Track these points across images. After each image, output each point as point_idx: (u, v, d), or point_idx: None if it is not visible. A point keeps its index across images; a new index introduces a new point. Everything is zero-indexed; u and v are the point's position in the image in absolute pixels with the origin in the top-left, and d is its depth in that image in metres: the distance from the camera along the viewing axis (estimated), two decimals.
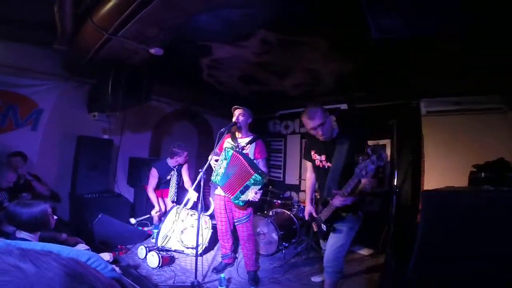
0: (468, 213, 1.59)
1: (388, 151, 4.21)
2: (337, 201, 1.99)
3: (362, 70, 3.37)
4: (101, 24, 2.39)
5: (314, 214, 2.35)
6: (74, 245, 2.25)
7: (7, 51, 3.09)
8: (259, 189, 2.54)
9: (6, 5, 2.54)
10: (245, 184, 2.51)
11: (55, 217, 1.85)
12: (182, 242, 3.22)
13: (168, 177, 3.85)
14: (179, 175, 3.93)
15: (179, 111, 5.18)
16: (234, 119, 2.81)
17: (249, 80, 4.11)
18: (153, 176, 3.76)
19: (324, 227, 2.25)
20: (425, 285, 1.53)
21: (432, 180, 3.81)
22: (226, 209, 2.91)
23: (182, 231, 3.24)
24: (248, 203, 2.72)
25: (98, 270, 0.49)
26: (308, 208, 2.40)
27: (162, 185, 3.89)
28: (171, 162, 3.81)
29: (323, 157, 2.26)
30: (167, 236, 3.20)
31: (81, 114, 3.89)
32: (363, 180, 2.00)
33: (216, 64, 3.55)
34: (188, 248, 3.23)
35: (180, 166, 3.90)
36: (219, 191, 2.91)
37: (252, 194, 2.53)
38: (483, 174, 3.12)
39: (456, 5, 1.76)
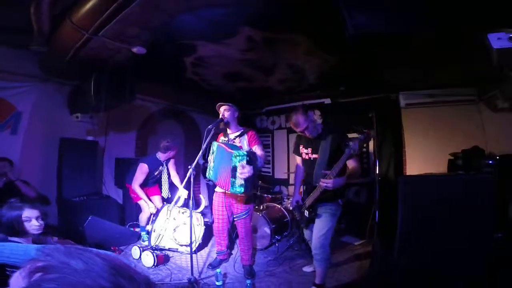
0: (440, 195, 1.72)
1: (371, 143, 4.37)
2: (324, 182, 2.13)
3: (342, 66, 3.46)
4: (80, 24, 2.35)
5: (300, 202, 2.57)
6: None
7: None
8: (247, 163, 2.38)
9: None
10: (231, 167, 2.44)
11: (41, 222, 1.79)
12: (175, 240, 3.24)
13: (156, 173, 3.77)
14: (168, 168, 3.84)
15: (165, 110, 5.14)
16: (220, 116, 2.83)
17: (235, 77, 4.13)
18: (142, 172, 3.57)
19: (306, 213, 2.44)
20: (409, 267, 1.65)
21: (413, 169, 4.01)
22: (225, 206, 2.88)
23: (174, 229, 3.26)
24: (248, 189, 2.53)
25: None
26: (295, 196, 2.63)
27: (150, 183, 3.79)
28: (161, 156, 3.69)
29: (309, 150, 2.49)
30: (159, 235, 3.22)
31: (62, 115, 3.79)
32: (351, 165, 2.23)
33: (201, 62, 3.54)
34: (181, 245, 3.26)
35: (167, 161, 3.81)
36: (218, 188, 2.91)
37: (241, 174, 2.38)
38: (460, 162, 3.32)
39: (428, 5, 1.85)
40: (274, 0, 2.26)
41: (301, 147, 2.58)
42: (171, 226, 3.25)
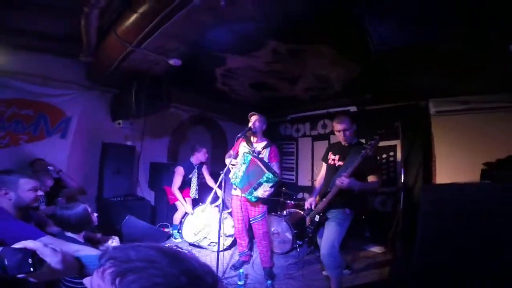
0: (461, 203, 1.74)
1: (398, 152, 4.30)
2: (340, 179, 2.27)
3: (369, 74, 3.49)
4: (124, 37, 2.59)
5: (313, 207, 2.63)
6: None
7: (35, 62, 3.34)
8: (270, 187, 2.72)
9: (35, 18, 2.77)
10: (258, 181, 2.70)
11: (96, 214, 2.00)
12: (208, 238, 3.51)
13: (190, 176, 4.10)
14: (199, 174, 4.21)
15: (195, 117, 5.45)
16: (250, 125, 2.98)
17: (260, 87, 4.31)
18: (179, 174, 3.97)
19: (317, 217, 2.55)
20: (427, 268, 1.67)
21: (444, 178, 3.86)
22: (242, 208, 3.09)
23: (208, 227, 3.52)
24: (259, 200, 2.89)
25: None
26: (310, 199, 2.69)
27: (185, 185, 4.13)
28: (193, 159, 4.11)
29: (337, 157, 2.60)
30: (194, 233, 3.47)
31: (104, 121, 4.16)
32: (371, 179, 2.37)
33: (230, 73, 3.77)
34: (212, 244, 3.48)
35: (201, 165, 4.19)
36: (235, 191, 3.10)
37: (262, 191, 2.72)
38: (494, 172, 3.18)
39: (451, 13, 1.89)
40: (299, 15, 2.40)
41: (330, 153, 2.71)
42: (205, 224, 3.50)
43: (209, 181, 4.31)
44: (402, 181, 3.56)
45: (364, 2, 1.86)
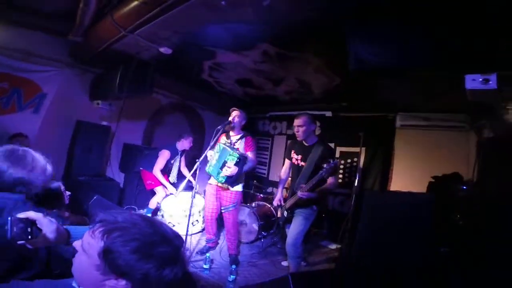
0: (389, 208, 2.21)
1: (361, 158, 4.70)
2: (300, 193, 2.53)
3: (347, 85, 3.75)
4: (120, 22, 2.54)
5: (282, 202, 2.91)
6: (77, 222, 2.48)
7: (17, 37, 3.20)
8: (234, 164, 2.83)
9: None
10: (223, 161, 2.87)
11: (68, 193, 2.01)
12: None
13: (172, 161, 4.16)
14: (180, 161, 4.28)
15: (174, 103, 5.40)
16: (230, 119, 3.13)
17: (245, 83, 4.41)
18: (164, 157, 4.00)
19: (285, 213, 2.82)
20: (364, 262, 2.03)
21: (397, 187, 4.31)
22: (216, 197, 3.23)
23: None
24: (229, 182, 3.01)
25: None
26: (278, 196, 2.97)
27: (164, 170, 4.14)
28: (178, 145, 4.15)
29: (299, 157, 2.79)
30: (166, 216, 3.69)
31: (81, 100, 4.03)
32: (329, 180, 2.59)
33: (218, 66, 3.81)
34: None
35: (183, 152, 4.26)
36: (211, 180, 3.24)
37: (225, 169, 2.86)
38: (439, 185, 3.65)
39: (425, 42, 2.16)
40: (293, 24, 2.54)
41: (292, 152, 2.89)
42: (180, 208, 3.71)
43: (184, 169, 4.39)
44: (356, 185, 3.95)
45: (350, 21, 2.08)
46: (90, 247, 0.67)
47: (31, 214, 0.87)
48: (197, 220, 4.01)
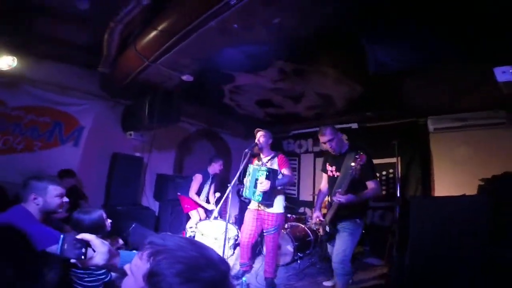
0: (440, 213, 2.05)
1: (398, 168, 4.43)
2: (337, 197, 2.37)
3: (370, 93, 3.67)
4: (143, 52, 2.75)
5: (321, 218, 2.74)
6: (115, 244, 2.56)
7: (54, 70, 3.53)
8: (265, 178, 2.77)
9: (61, 28, 2.92)
10: (254, 180, 2.84)
11: (110, 221, 2.05)
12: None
13: (206, 185, 4.28)
14: (211, 185, 4.39)
15: (200, 130, 5.62)
16: (256, 141, 3.14)
17: (265, 104, 4.52)
18: (197, 181, 4.16)
19: (327, 228, 2.63)
20: (417, 269, 1.83)
21: (442, 194, 3.96)
22: (256, 220, 3.16)
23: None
24: (264, 200, 2.89)
25: None
26: (316, 213, 2.79)
27: (199, 193, 4.26)
28: (210, 169, 4.28)
29: (333, 168, 2.71)
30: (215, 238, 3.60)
31: (115, 132, 4.32)
32: (369, 185, 2.45)
33: (237, 89, 3.97)
34: None
35: (215, 176, 4.38)
36: (251, 205, 3.22)
37: (259, 186, 2.80)
38: (490, 187, 3.30)
39: (449, 38, 2.08)
40: (304, 38, 2.60)
41: (327, 165, 2.82)
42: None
43: (211, 196, 4.45)
44: (398, 195, 3.69)
45: (364, 25, 2.08)
46: (137, 269, 0.68)
47: (86, 236, 0.96)
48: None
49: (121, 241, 2.48)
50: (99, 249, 0.95)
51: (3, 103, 3.29)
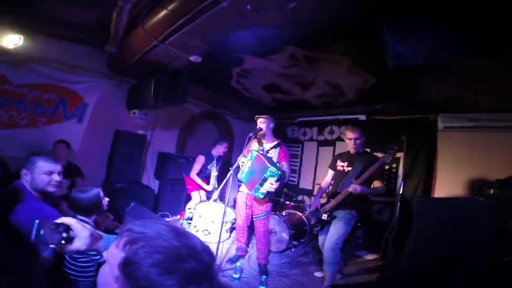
0: (447, 215, 1.97)
1: (401, 165, 4.39)
2: (353, 186, 2.54)
3: (382, 85, 3.54)
4: (151, 32, 2.66)
5: (318, 207, 2.88)
6: (114, 227, 2.58)
7: (62, 49, 3.52)
8: (276, 181, 2.76)
9: (69, 8, 2.85)
10: (263, 177, 2.80)
11: (107, 199, 2.02)
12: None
13: (209, 166, 4.29)
14: (217, 165, 4.40)
15: (205, 112, 5.55)
16: (258, 127, 3.13)
17: (273, 89, 4.39)
18: (199, 162, 4.22)
19: (325, 216, 2.77)
20: (414, 273, 1.84)
21: (442, 193, 3.94)
22: (247, 205, 3.19)
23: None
24: (267, 196, 2.95)
25: None
26: (316, 202, 2.95)
27: (201, 176, 4.29)
28: (214, 151, 4.30)
29: (345, 163, 2.84)
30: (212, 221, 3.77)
31: (119, 110, 4.30)
32: (378, 184, 2.63)
33: (245, 73, 3.84)
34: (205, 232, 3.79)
35: (219, 158, 4.37)
36: (242, 188, 3.21)
37: (268, 185, 2.79)
38: (491, 191, 3.26)
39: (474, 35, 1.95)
40: (320, 24, 2.47)
41: (338, 161, 2.93)
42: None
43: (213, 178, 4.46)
44: (401, 192, 3.67)
45: (386, 15, 1.95)
46: (113, 257, 0.63)
47: (66, 220, 0.89)
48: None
49: (111, 217, 2.47)
50: (80, 233, 0.88)
51: (8, 81, 3.32)
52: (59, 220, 0.87)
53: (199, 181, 4.20)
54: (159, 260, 0.58)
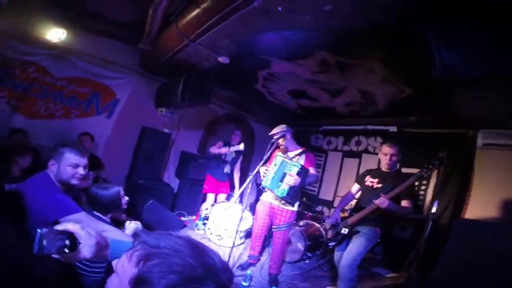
0: (491, 243, 1.74)
1: (433, 181, 4.08)
2: (380, 200, 2.33)
3: (418, 96, 3.34)
4: (184, 30, 2.70)
5: (338, 220, 2.72)
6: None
7: (100, 45, 3.66)
8: (297, 173, 2.63)
9: (109, 4, 2.98)
10: (283, 173, 2.71)
11: (127, 198, 1.97)
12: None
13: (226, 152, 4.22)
14: (234, 160, 4.38)
15: (228, 114, 5.56)
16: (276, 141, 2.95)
17: (299, 95, 4.30)
18: (218, 144, 4.20)
19: (345, 230, 2.58)
20: None
21: (474, 214, 3.59)
22: (268, 214, 3.05)
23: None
24: (288, 196, 2.77)
25: None
26: (336, 215, 2.78)
27: (218, 175, 4.26)
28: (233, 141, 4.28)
29: (376, 180, 2.63)
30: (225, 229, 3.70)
31: (148, 107, 4.39)
32: (407, 205, 2.42)
33: (272, 77, 3.79)
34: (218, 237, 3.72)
35: (237, 152, 4.31)
36: (264, 196, 3.10)
37: (288, 178, 2.66)
38: None
39: None
40: (356, 29, 2.35)
41: (367, 177, 2.73)
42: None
43: (236, 172, 4.47)
44: (434, 211, 3.40)
45: (433, 23, 1.79)
46: (124, 271, 0.59)
47: (69, 226, 0.83)
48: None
49: (124, 216, 2.44)
50: (85, 241, 0.83)
51: (50, 74, 3.51)
52: (61, 227, 0.82)
53: (218, 149, 4.14)
54: (174, 281, 0.53)
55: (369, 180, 2.69)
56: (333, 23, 2.28)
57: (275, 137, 2.95)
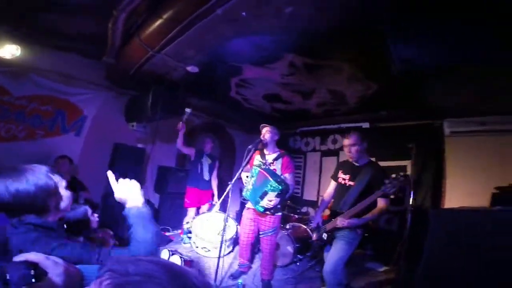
0: (470, 229, 1.78)
1: (409, 172, 4.24)
2: (340, 220, 2.33)
3: (385, 91, 3.46)
4: (147, 42, 2.67)
5: (320, 224, 2.67)
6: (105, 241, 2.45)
7: (60, 60, 3.51)
8: (276, 196, 2.66)
9: (66, 20, 2.86)
10: (263, 191, 2.68)
11: (96, 215, 1.89)
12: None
13: (202, 160, 4.29)
14: (211, 167, 4.39)
15: (205, 124, 5.49)
16: (261, 137, 3.01)
17: (273, 99, 4.34)
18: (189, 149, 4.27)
19: (325, 236, 2.55)
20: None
21: (453, 201, 3.76)
22: (253, 221, 3.04)
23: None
24: (270, 212, 2.85)
25: None
26: (318, 218, 2.74)
27: (199, 184, 4.24)
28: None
29: (347, 177, 2.57)
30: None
31: (118, 122, 4.25)
32: (383, 204, 2.33)
33: (244, 83, 3.80)
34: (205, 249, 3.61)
35: (212, 158, 4.42)
36: (249, 204, 3.08)
37: (266, 201, 2.68)
38: (506, 196, 3.09)
39: (476, 34, 1.88)
40: (319, 30, 2.41)
41: (340, 172, 2.68)
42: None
43: (213, 181, 4.45)
44: (411, 201, 3.51)
45: (389, 20, 1.88)
46: None
47: (31, 256, 0.78)
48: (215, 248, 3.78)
49: (111, 232, 2.35)
50: (51, 270, 0.78)
51: (8, 93, 3.30)
52: (21, 258, 0.77)
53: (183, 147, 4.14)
54: None
55: (341, 177, 2.64)
56: (296, 24, 2.32)
57: (264, 130, 3.01)
